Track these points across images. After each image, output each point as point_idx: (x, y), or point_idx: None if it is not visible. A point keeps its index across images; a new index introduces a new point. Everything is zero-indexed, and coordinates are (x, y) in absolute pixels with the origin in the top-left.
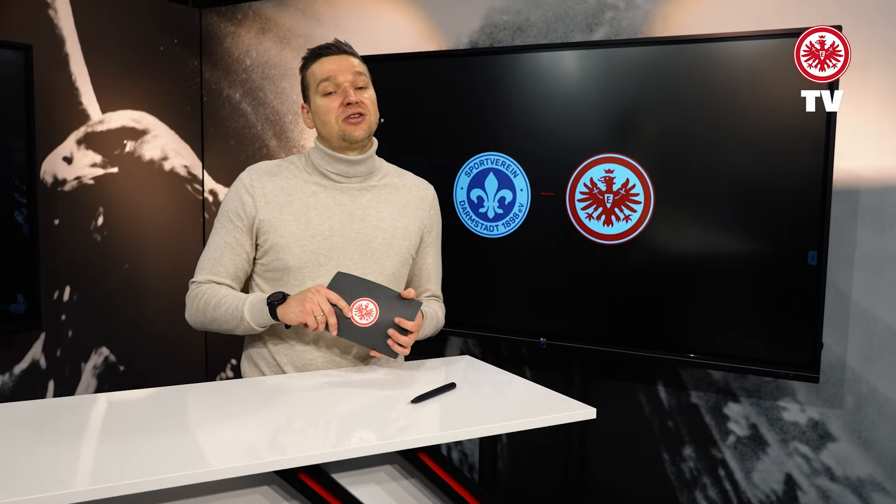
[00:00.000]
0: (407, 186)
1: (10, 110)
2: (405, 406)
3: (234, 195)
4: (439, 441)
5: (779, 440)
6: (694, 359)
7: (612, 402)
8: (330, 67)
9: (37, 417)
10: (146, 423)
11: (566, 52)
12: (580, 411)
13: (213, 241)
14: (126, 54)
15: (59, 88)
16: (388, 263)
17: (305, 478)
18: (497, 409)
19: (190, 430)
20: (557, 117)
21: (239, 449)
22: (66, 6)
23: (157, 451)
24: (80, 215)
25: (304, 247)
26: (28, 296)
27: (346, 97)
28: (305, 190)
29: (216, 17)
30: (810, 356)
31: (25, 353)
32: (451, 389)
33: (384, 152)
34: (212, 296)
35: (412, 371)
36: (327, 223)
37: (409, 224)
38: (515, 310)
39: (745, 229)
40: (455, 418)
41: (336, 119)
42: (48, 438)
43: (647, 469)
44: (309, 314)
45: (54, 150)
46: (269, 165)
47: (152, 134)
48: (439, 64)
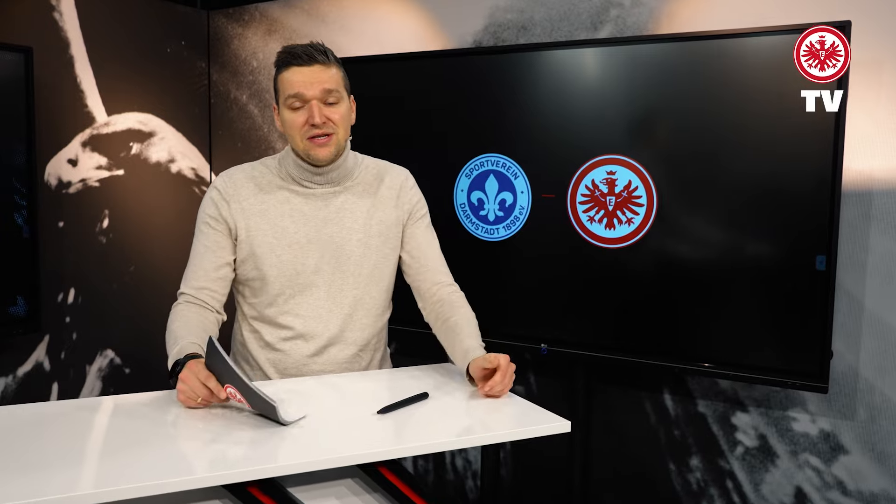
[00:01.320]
0: (380, 177)
1: (10, 113)
2: (370, 417)
3: (209, 202)
4: (394, 456)
5: (789, 452)
6: (697, 367)
7: (618, 410)
8: (299, 81)
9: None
10: (100, 434)
11: (569, 50)
12: (552, 425)
13: (194, 248)
14: (132, 57)
15: (63, 91)
16: (365, 265)
17: (256, 492)
18: (465, 421)
19: (134, 441)
20: (559, 118)
21: (182, 462)
22: (71, 9)
23: (101, 463)
24: (85, 218)
25: (281, 256)
26: (28, 298)
27: (311, 117)
28: (279, 196)
29: (224, 19)
30: (819, 365)
31: (29, 356)
32: (423, 400)
33: (385, 153)
34: (170, 325)
35: (388, 378)
36: (303, 230)
37: (384, 217)
38: (516, 315)
39: (752, 233)
40: (420, 431)
41: (301, 137)
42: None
43: (653, 479)
44: (186, 402)
45: (59, 152)
46: (240, 172)
47: (159, 136)
48: (438, 64)
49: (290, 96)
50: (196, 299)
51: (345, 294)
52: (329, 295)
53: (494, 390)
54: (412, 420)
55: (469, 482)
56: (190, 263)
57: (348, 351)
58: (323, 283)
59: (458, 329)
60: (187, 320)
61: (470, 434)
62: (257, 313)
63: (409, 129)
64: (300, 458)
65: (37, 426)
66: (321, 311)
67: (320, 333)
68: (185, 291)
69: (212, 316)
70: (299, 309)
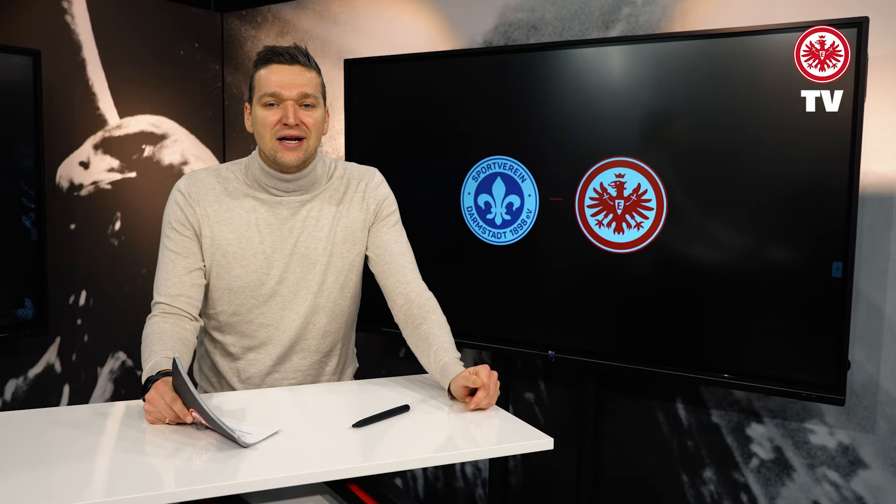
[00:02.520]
0: (346, 182)
1: (19, 115)
2: (345, 430)
3: (174, 206)
4: (361, 473)
5: (805, 465)
6: (707, 377)
7: (629, 420)
8: (278, 80)
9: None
10: (58, 444)
11: (577, 50)
12: (534, 442)
13: (163, 255)
14: (145, 59)
15: (75, 93)
16: (330, 274)
17: None
18: (445, 436)
19: (93, 453)
20: (567, 119)
21: (139, 476)
22: (83, 11)
23: (56, 477)
24: (97, 220)
25: (246, 266)
26: (36, 300)
27: (286, 117)
28: (245, 205)
29: (237, 21)
30: (835, 376)
31: (40, 358)
32: (404, 412)
33: (391, 155)
34: (145, 339)
35: (371, 389)
36: (268, 240)
37: (349, 223)
38: (524, 321)
39: (765, 238)
40: (395, 446)
41: (271, 136)
42: None
43: (666, 491)
44: (155, 423)
45: (71, 154)
46: (205, 176)
47: (172, 138)
48: (444, 65)
49: (267, 94)
50: (172, 307)
51: (308, 302)
52: (293, 304)
53: (481, 405)
54: (388, 434)
55: (479, 490)
56: (160, 271)
57: (311, 359)
58: (287, 293)
59: (431, 338)
60: (162, 332)
61: (446, 451)
62: (219, 322)
63: (416, 131)
64: (261, 475)
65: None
66: (284, 319)
67: (283, 342)
68: (161, 301)
69: (189, 325)
70: (262, 318)
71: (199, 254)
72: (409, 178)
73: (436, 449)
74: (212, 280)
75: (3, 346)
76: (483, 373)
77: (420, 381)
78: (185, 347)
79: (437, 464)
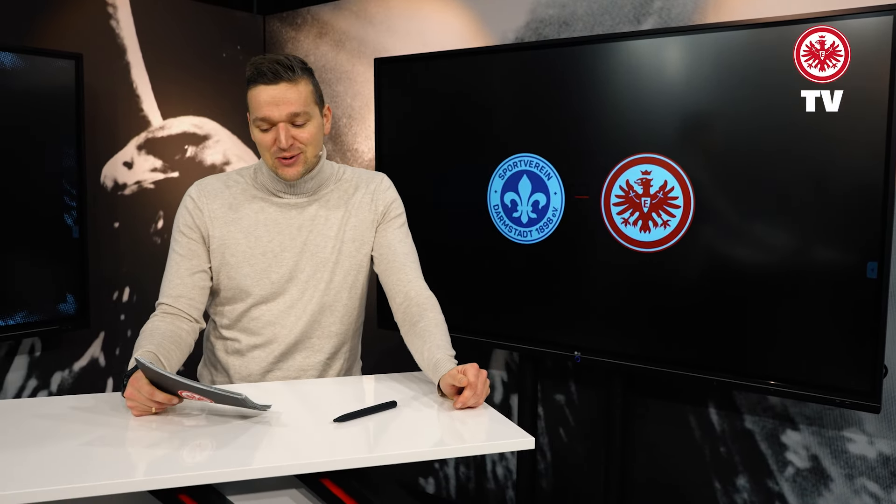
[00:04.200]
0: (355, 185)
1: (62, 117)
2: (326, 425)
3: (183, 211)
4: (332, 468)
5: (843, 475)
6: (736, 380)
7: (660, 423)
8: (265, 101)
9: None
10: (48, 432)
11: (603, 45)
12: (514, 441)
13: (170, 258)
14: (188, 62)
15: (119, 96)
16: (338, 271)
17: (186, 499)
18: (425, 433)
19: (70, 441)
20: (593, 115)
21: (111, 465)
22: (127, 16)
23: (34, 462)
24: (140, 219)
25: (256, 265)
26: (77, 296)
27: (278, 140)
28: (253, 206)
29: (278, 23)
30: (870, 382)
31: (84, 351)
32: (389, 409)
33: (423, 153)
34: (142, 334)
35: (363, 385)
36: (277, 239)
37: (357, 223)
38: (550, 321)
39: (797, 238)
40: (372, 442)
41: (271, 156)
42: None
43: (697, 498)
44: (141, 414)
45: (114, 155)
46: (215, 182)
47: (214, 139)
48: (472, 62)
49: (258, 118)
50: (173, 308)
51: (315, 301)
52: (300, 302)
53: (468, 404)
54: (368, 430)
55: (510, 492)
56: (166, 273)
57: (316, 358)
58: (296, 291)
59: (427, 336)
60: (154, 329)
61: (418, 448)
62: (228, 321)
63: (444, 128)
64: (230, 467)
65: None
66: (290, 318)
67: (289, 340)
68: (163, 301)
69: (186, 325)
70: (269, 315)
71: (205, 256)
72: (437, 175)
73: (410, 445)
74: (221, 279)
75: (47, 340)
76: (471, 372)
77: (416, 378)
78: (175, 345)
79: (405, 461)
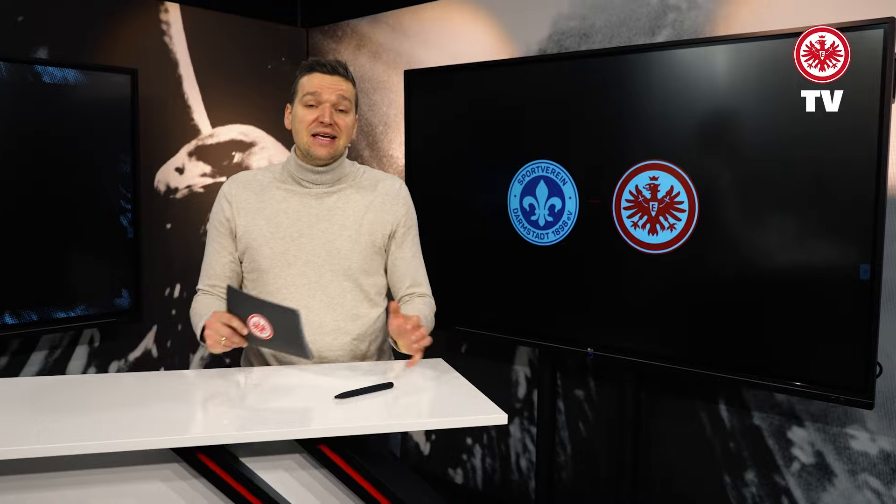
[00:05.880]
0: (374, 185)
1: (119, 127)
2: (328, 401)
3: (217, 205)
4: (323, 434)
5: (847, 471)
6: (734, 376)
7: (673, 419)
8: (319, 83)
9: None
10: (87, 401)
11: (620, 56)
12: (488, 416)
13: (206, 249)
14: (236, 73)
15: (172, 106)
16: (355, 259)
17: (203, 457)
18: (411, 409)
19: (115, 408)
20: (606, 123)
21: (131, 425)
22: (179, 32)
23: (75, 425)
24: (190, 220)
25: (275, 248)
26: (132, 292)
27: (322, 116)
28: (277, 196)
29: (320, 36)
30: (864, 380)
31: (139, 343)
32: (386, 389)
33: (449, 160)
34: (193, 312)
35: (366, 369)
36: (295, 225)
37: (374, 220)
38: (566, 319)
39: (795, 240)
40: (362, 415)
41: (307, 132)
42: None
43: (707, 491)
44: (213, 346)
45: (167, 161)
46: (247, 175)
47: (259, 146)
48: (494, 73)
49: (309, 94)
50: (210, 292)
51: (335, 285)
52: (320, 286)
53: (403, 327)
54: (363, 406)
55: (532, 483)
56: (204, 261)
57: (343, 339)
58: (313, 274)
59: (409, 307)
60: (207, 303)
61: (402, 419)
62: None
63: (469, 136)
64: (243, 430)
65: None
66: (313, 300)
67: (313, 322)
68: (201, 287)
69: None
70: (292, 299)
71: (233, 246)
72: (462, 180)
73: (397, 418)
74: (245, 262)
75: (105, 332)
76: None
77: (416, 365)
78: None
79: (389, 431)
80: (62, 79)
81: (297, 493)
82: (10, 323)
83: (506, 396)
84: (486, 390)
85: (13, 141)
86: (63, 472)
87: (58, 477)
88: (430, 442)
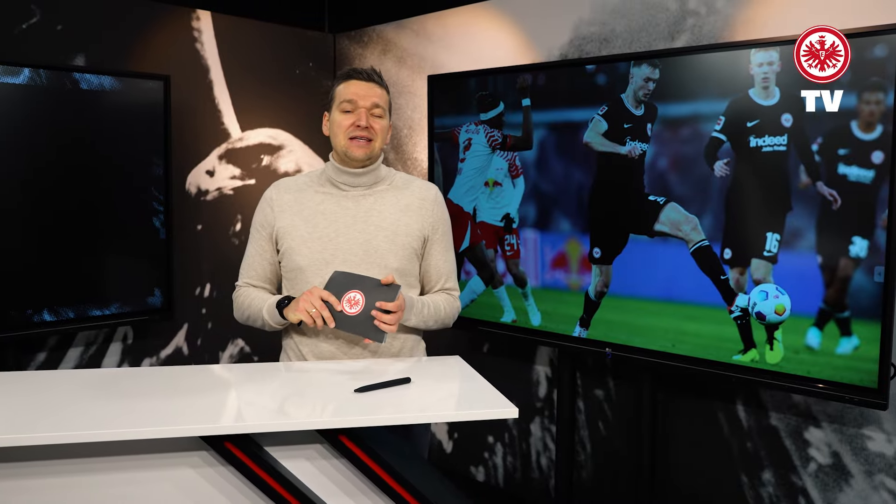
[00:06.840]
0: (410, 189)
1: (152, 131)
2: (348, 394)
3: (259, 208)
4: (343, 425)
5: (863, 472)
6: (747, 375)
7: (691, 419)
8: (355, 91)
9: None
10: (118, 391)
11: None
12: (500, 410)
13: (247, 249)
14: (264, 79)
15: (203, 111)
16: (392, 259)
17: (230, 445)
18: (425, 402)
19: (149, 398)
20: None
21: (163, 414)
22: (210, 39)
23: (113, 413)
24: (221, 222)
25: (312, 248)
26: (164, 291)
27: (359, 120)
28: (315, 199)
29: (347, 41)
30: (878, 381)
31: (170, 341)
32: (404, 384)
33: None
34: (245, 297)
35: (386, 365)
36: (333, 226)
37: (410, 223)
38: (584, 319)
39: (806, 241)
40: (379, 408)
41: (344, 135)
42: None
43: (725, 491)
44: (303, 312)
45: (198, 164)
46: (289, 181)
47: (287, 149)
48: (509, 78)
49: (346, 100)
50: (251, 287)
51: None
52: None
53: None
54: (381, 399)
55: (552, 481)
56: (244, 260)
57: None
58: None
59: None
60: (258, 295)
61: (416, 412)
62: None
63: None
64: (267, 420)
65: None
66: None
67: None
68: (242, 283)
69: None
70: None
71: (271, 250)
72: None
73: (412, 411)
74: (284, 262)
75: (138, 330)
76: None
77: (432, 361)
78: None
79: (400, 423)
80: (98, 85)
81: (318, 480)
82: (48, 320)
83: (527, 395)
84: (507, 389)
85: (53, 145)
86: (101, 458)
87: (94, 462)
88: (452, 440)
